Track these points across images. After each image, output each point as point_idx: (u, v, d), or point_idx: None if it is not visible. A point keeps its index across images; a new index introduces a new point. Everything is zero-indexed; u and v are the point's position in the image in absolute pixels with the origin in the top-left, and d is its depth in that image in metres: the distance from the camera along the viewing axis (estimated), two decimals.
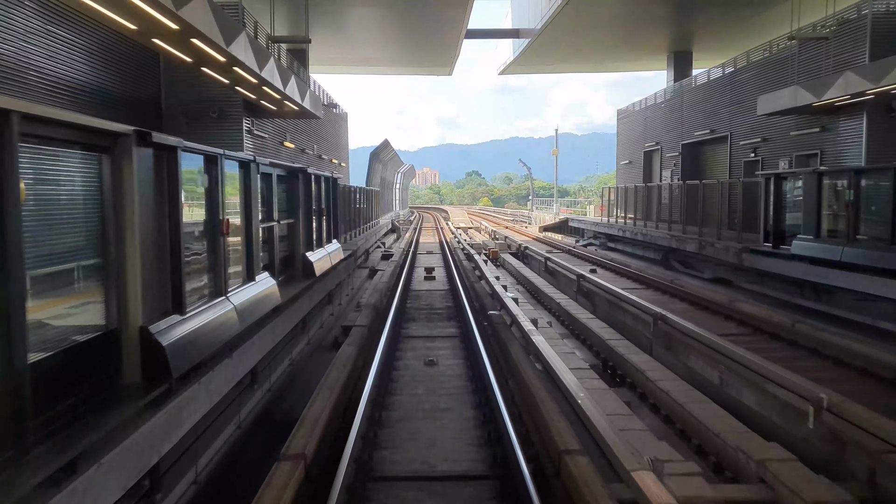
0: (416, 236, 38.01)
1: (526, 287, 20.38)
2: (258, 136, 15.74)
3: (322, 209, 11.69)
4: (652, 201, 24.39)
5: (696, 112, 24.48)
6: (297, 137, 19.85)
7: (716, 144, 23.28)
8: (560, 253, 27.89)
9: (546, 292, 17.51)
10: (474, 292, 16.65)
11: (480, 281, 18.77)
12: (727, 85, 21.99)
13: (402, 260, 24.71)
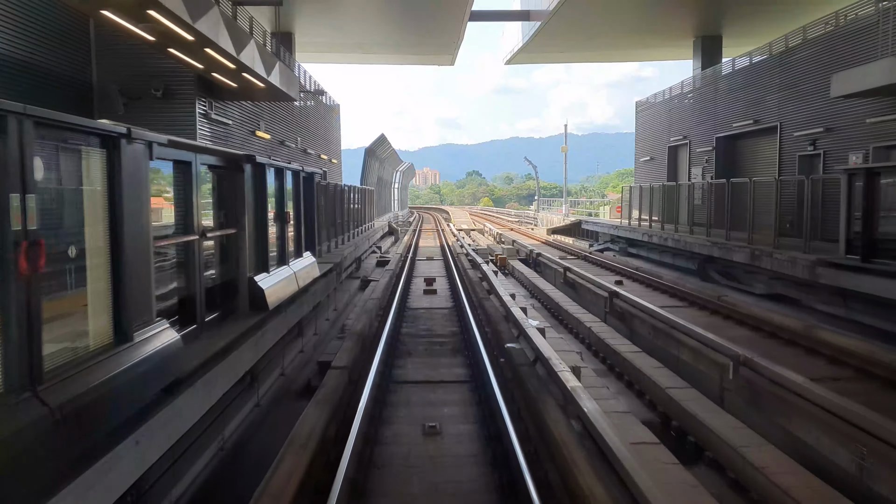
0: (415, 240, 35.09)
1: (542, 302, 17.47)
2: (218, 121, 12.79)
3: (287, 213, 8.77)
4: (682, 202, 21.48)
5: (733, 101, 21.49)
6: (274, 127, 16.97)
7: (760, 137, 20.32)
8: (575, 259, 24.98)
9: (569, 311, 14.60)
10: (483, 312, 13.73)
11: (490, 296, 15.87)
12: (775, 68, 19.00)
13: (398, 268, 21.81)
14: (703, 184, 19.96)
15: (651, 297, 15.91)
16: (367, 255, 25.83)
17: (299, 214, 9.39)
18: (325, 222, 14.38)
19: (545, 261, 22.72)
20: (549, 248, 30.01)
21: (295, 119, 19.85)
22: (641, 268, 20.51)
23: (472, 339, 10.88)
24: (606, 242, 28.67)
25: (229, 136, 13.30)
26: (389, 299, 15.46)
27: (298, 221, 9.36)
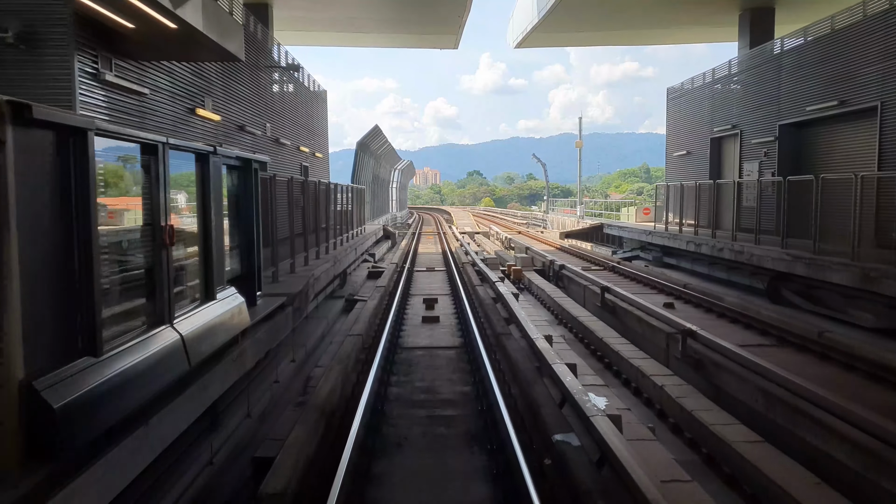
0: (413, 245, 31.25)
1: (576, 332, 13.63)
2: (123, 88, 8.78)
3: (167, 227, 4.81)
4: (740, 203, 17.57)
5: (806, 79, 17.45)
6: (229, 108, 13.14)
7: (844, 122, 16.26)
8: (601, 271, 21.14)
9: (620, 352, 10.76)
10: (505, 358, 9.89)
11: (509, 326, 12.04)
12: (878, 31, 14.91)
13: (392, 284, 17.98)
14: (773, 182, 15.99)
15: (722, 328, 12.09)
16: (356, 266, 21.99)
17: (209, 226, 5.60)
18: (292, 230, 10.56)
19: (569, 274, 18.85)
20: (567, 255, 26.16)
21: (263, 101, 16.00)
22: (690, 285, 16.67)
23: (497, 415, 7.09)
24: (635, 250, 24.82)
25: (147, 112, 9.45)
26: (377, 333, 11.66)
27: (207, 238, 5.57)
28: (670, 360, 10.82)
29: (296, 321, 8.65)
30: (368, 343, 11.10)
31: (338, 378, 8.34)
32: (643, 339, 12.30)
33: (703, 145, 23.57)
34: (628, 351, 10.81)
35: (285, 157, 18.25)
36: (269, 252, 10.02)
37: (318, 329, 12.73)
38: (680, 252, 20.59)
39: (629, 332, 12.92)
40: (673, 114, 26.99)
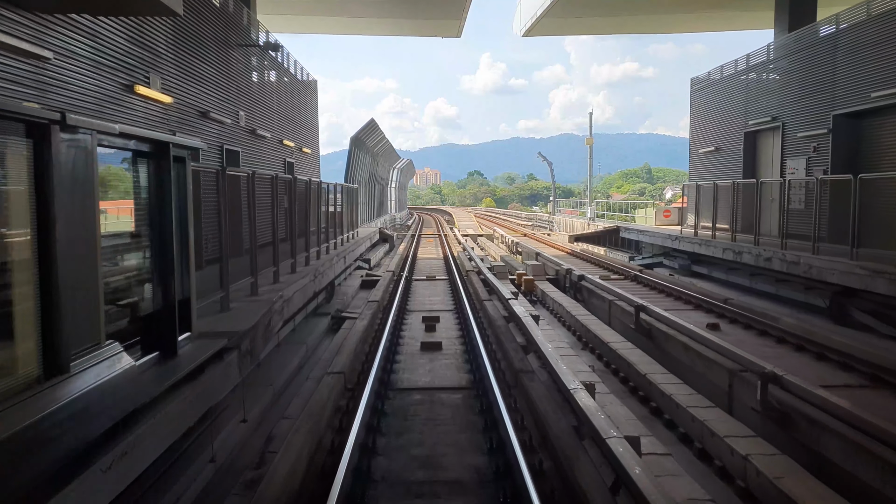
0: (412, 249, 28.90)
1: (606, 361, 11.32)
2: (9, 47, 6.32)
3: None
4: (789, 205, 15.22)
5: (872, 61, 14.96)
6: (186, 88, 10.77)
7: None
8: (623, 280, 18.81)
9: (674, 397, 8.45)
10: (529, 407, 7.54)
11: (528, 356, 9.73)
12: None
13: (387, 297, 15.67)
14: (829, 181, 13.52)
15: (788, 360, 9.77)
16: (348, 274, 19.65)
17: (50, 245, 3.31)
18: (253, 239, 8.22)
19: (590, 286, 16.50)
20: (580, 261, 23.83)
21: (236, 84, 13.65)
22: (732, 300, 14.32)
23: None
24: (656, 256, 22.50)
25: (50, 84, 7.01)
26: (364, 368, 9.36)
27: (48, 265, 3.26)
28: (736, 407, 8.49)
29: (247, 368, 6.31)
30: (353, 382, 8.78)
31: (304, 446, 6.01)
32: (691, 371, 9.97)
33: (735, 140, 21.18)
34: (683, 395, 8.49)
35: (265, 151, 15.93)
36: (242, 264, 7.70)
37: (293, 360, 10.39)
38: (713, 260, 18.24)
39: (669, 360, 10.60)
40: (698, 107, 24.57)
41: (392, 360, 10.04)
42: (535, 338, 9.58)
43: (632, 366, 10.11)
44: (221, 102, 12.49)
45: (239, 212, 7.98)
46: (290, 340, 11.12)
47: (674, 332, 11.01)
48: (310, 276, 10.82)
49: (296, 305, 9.64)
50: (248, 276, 8.19)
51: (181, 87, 10.43)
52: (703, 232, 19.49)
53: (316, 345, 12.04)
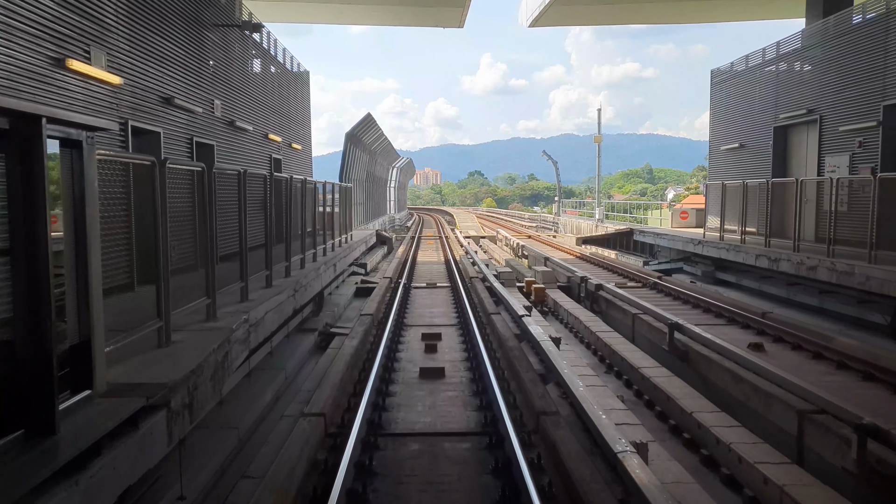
0: (412, 252, 27.24)
1: (637, 389, 9.70)
2: None
3: None
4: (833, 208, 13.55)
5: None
6: (143, 68, 9.10)
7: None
8: (642, 289, 17.19)
9: (737, 450, 6.80)
10: (554, 459, 5.89)
11: (547, 387, 8.12)
12: None
13: (383, 308, 14.05)
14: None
15: (857, 391, 8.14)
16: (342, 281, 17.99)
17: None
18: (211, 249, 6.55)
19: (609, 296, 14.84)
20: (591, 266, 22.18)
21: (209, 69, 11.98)
22: (772, 314, 12.68)
23: None
24: (675, 262, 20.83)
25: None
26: (351, 404, 7.73)
27: None
28: (810, 459, 6.83)
29: (183, 429, 4.65)
30: (336, 424, 7.14)
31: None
32: (743, 406, 8.31)
33: (763, 136, 19.46)
34: (746, 446, 6.82)
35: (246, 145, 14.27)
36: (199, 280, 6.07)
37: (267, 392, 8.73)
38: (742, 267, 16.56)
39: (714, 391, 8.95)
40: (719, 100, 22.84)
41: (385, 392, 8.38)
42: (562, 373, 7.91)
43: (671, 399, 8.45)
44: (191, 88, 10.83)
45: (193, 215, 6.33)
46: (265, 366, 9.47)
47: (718, 356, 9.34)
48: (289, 291, 9.16)
49: (269, 328, 7.98)
50: (205, 295, 6.53)
51: (136, 67, 8.78)
52: (729, 236, 17.82)
53: (297, 370, 10.39)
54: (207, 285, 6.50)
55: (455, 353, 10.47)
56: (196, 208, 6.51)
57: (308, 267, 11.40)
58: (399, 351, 10.57)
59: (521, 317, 11.01)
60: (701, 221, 24.93)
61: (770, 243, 15.08)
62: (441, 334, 11.60)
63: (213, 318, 6.61)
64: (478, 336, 10.78)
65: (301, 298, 9.99)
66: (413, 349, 10.73)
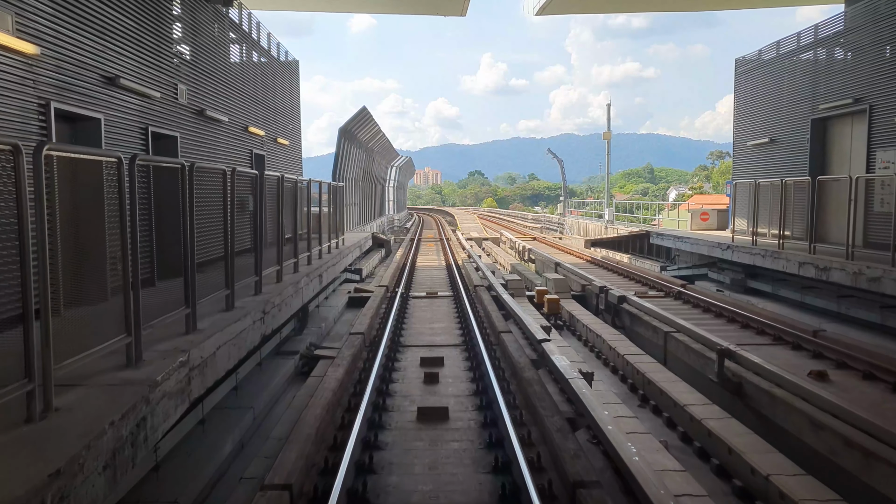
0: (411, 256, 25.49)
1: (682, 432, 7.95)
2: None
3: None
4: None
5: None
6: (71, 38, 7.30)
7: None
8: (662, 298, 15.45)
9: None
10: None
11: (576, 435, 6.38)
12: None
13: (377, 324, 12.33)
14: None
15: None
16: (332, 292, 16.24)
17: None
18: (126, 269, 4.82)
19: (635, 310, 13.08)
20: (605, 272, 20.45)
21: (170, 47, 10.21)
22: (825, 333, 10.94)
23: None
24: (699, 268, 19.07)
25: None
26: (328, 466, 5.98)
27: None
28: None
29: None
30: (308, 496, 5.41)
31: None
32: (828, 462, 6.55)
33: (798, 129, 17.64)
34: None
35: (220, 138, 12.50)
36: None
37: (225, 441, 6.98)
38: (780, 276, 14.80)
39: (782, 437, 7.20)
40: (745, 91, 21.02)
41: (373, 444, 6.63)
42: (606, 432, 6.11)
43: (735, 452, 6.70)
44: (145, 68, 9.09)
45: (100, 222, 4.60)
46: (228, 405, 7.71)
47: (785, 394, 7.57)
48: (255, 314, 7.40)
49: (224, 365, 6.22)
50: (124, 331, 4.78)
51: (64, 36, 7.04)
52: (761, 240, 16.03)
53: (271, 405, 8.63)
54: (127, 318, 4.75)
55: (460, 385, 8.71)
56: (123, 211, 4.77)
57: (286, 280, 9.64)
58: (393, 381, 8.83)
59: (540, 341, 9.24)
60: (722, 223, 23.18)
61: (815, 249, 13.33)
62: (443, 359, 9.86)
63: (136, 363, 4.86)
64: (487, 362, 9.04)
65: (274, 321, 8.23)
66: (410, 379, 8.99)
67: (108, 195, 4.77)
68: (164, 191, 6.10)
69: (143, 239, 5.86)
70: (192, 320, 5.99)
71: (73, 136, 7.51)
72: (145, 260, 6.01)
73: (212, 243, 7.35)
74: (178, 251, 6.05)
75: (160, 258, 6.23)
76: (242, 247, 8.50)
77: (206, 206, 6.98)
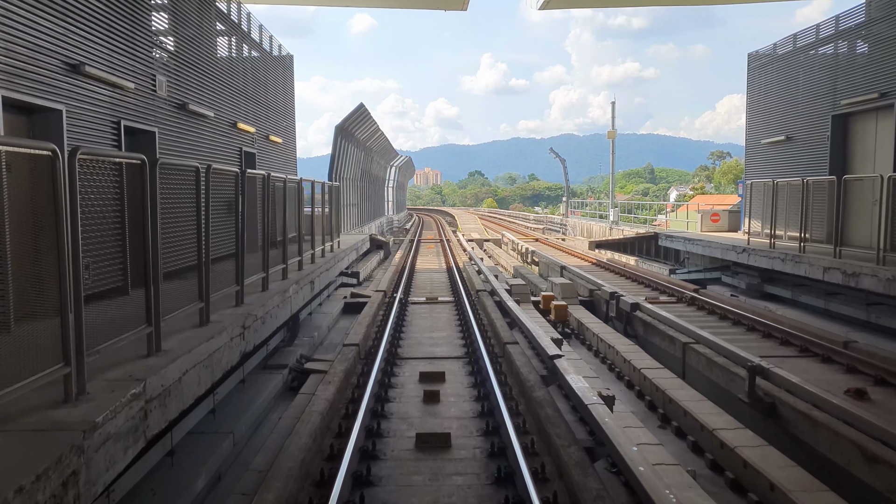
0: (411, 258, 24.67)
1: (711, 458, 7.11)
2: None
3: None
4: None
5: None
6: (19, 14, 6.50)
7: None
8: (674, 304, 14.64)
9: None
10: None
11: (596, 462, 5.54)
12: None
13: (373, 334, 11.52)
14: None
15: None
16: (326, 298, 15.43)
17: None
18: (65, 284, 4.04)
19: (650, 319, 12.26)
20: (612, 276, 19.63)
21: (147, 34, 9.39)
22: (856, 343, 10.17)
23: None
24: (711, 271, 18.25)
25: None
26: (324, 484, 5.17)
27: None
28: None
29: None
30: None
31: None
32: (888, 501, 5.74)
33: (817, 126, 16.79)
34: None
35: (204, 135, 11.68)
36: None
37: (195, 479, 6.15)
38: (801, 281, 13.98)
39: (827, 468, 6.38)
40: (759, 87, 20.16)
41: (365, 480, 5.82)
42: (638, 475, 5.28)
43: (777, 488, 5.89)
44: (117, 55, 8.26)
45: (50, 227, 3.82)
46: (202, 430, 6.89)
47: (828, 418, 6.75)
48: (233, 330, 6.58)
49: (193, 391, 5.40)
50: (61, 362, 3.98)
51: (12, 14, 6.19)
52: (780, 243, 15.20)
53: (254, 428, 7.80)
54: (65, 342, 3.93)
55: (463, 405, 7.89)
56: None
57: (273, 289, 8.82)
58: (389, 401, 8.00)
59: (552, 357, 8.41)
60: (734, 225, 22.37)
61: (840, 253, 12.51)
62: (444, 374, 9.05)
63: (75, 397, 4.03)
64: (492, 378, 8.24)
65: (256, 335, 7.40)
66: (408, 398, 8.17)
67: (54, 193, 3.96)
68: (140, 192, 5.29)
69: (105, 244, 5.06)
70: (154, 340, 5.17)
71: (29, 128, 6.69)
72: (107, 269, 5.21)
73: (185, 249, 6.52)
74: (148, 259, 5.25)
75: (130, 267, 5.43)
76: (226, 252, 7.69)
77: (179, 207, 6.17)
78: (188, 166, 6.23)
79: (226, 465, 6.68)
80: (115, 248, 5.34)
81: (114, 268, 5.40)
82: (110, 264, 5.34)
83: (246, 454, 7.06)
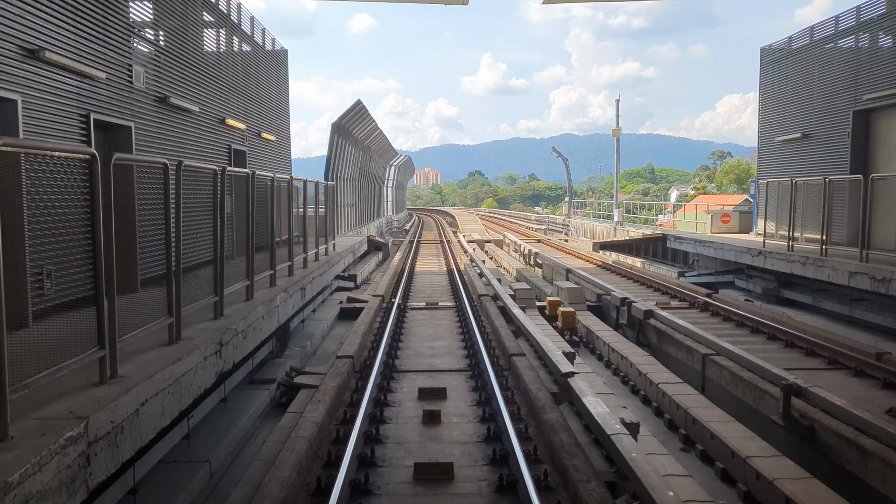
0: (410, 261, 23.90)
1: (748, 498, 6.31)
2: None
3: None
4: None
5: None
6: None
7: None
8: (687, 310, 13.90)
9: None
10: None
11: (618, 499, 4.74)
12: None
13: (368, 345, 10.78)
14: None
15: None
16: (320, 303, 14.67)
17: None
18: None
19: (664, 327, 11.48)
20: (619, 279, 18.87)
21: (120, 19, 8.63)
22: (890, 355, 9.41)
23: None
24: (724, 275, 17.48)
25: None
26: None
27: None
28: None
29: None
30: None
31: None
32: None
33: (836, 122, 16.01)
34: None
35: (189, 131, 10.91)
36: None
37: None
38: (822, 286, 13.22)
39: (863, 494, 5.63)
40: (772, 83, 19.37)
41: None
42: (626, 453, 4.52)
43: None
44: (84, 41, 7.50)
45: None
46: (174, 458, 6.12)
47: (877, 446, 5.99)
48: (206, 348, 5.81)
49: (155, 424, 4.65)
50: None
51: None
52: (798, 245, 14.43)
53: (235, 455, 7.04)
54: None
55: (467, 427, 7.13)
56: None
57: (258, 297, 8.06)
58: (385, 422, 7.25)
59: (564, 375, 7.64)
60: (745, 226, 21.62)
61: (867, 257, 11.75)
62: (445, 390, 8.30)
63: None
64: (498, 396, 7.50)
65: (236, 352, 6.64)
66: (405, 419, 7.40)
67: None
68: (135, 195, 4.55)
69: (51, 250, 4.30)
70: (108, 365, 4.41)
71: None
72: (62, 278, 4.46)
73: (154, 256, 5.77)
74: (125, 266, 4.51)
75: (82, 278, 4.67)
76: (207, 258, 6.94)
77: (147, 209, 5.42)
78: (156, 163, 5.47)
79: (199, 501, 5.91)
80: (65, 255, 4.56)
81: (64, 278, 4.62)
82: (60, 273, 4.56)
83: (224, 486, 6.30)
